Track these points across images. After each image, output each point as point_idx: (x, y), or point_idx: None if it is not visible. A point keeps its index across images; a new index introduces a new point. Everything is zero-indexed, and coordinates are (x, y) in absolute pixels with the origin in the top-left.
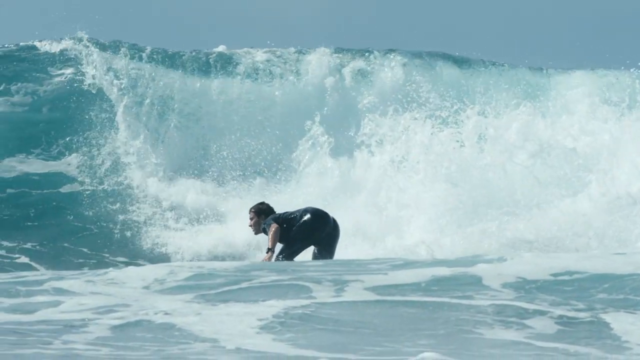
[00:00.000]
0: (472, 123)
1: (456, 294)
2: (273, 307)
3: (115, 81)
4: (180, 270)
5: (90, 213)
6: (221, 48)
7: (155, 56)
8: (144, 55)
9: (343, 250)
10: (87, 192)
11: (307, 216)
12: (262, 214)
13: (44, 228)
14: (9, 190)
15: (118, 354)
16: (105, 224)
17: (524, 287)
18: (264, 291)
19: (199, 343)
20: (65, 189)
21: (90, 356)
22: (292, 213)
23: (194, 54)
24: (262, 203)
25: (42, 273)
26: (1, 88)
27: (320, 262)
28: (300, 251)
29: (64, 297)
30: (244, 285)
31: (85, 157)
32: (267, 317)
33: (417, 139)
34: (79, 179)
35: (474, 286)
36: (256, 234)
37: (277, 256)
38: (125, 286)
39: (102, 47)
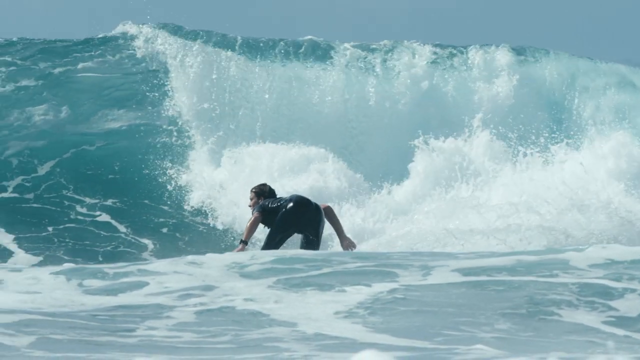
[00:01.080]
0: None
1: (543, 273)
2: (357, 292)
3: (203, 70)
4: (262, 256)
5: (176, 173)
6: (352, 44)
7: (246, 47)
8: (236, 46)
9: None
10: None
11: (290, 205)
12: (261, 196)
13: (126, 184)
14: (97, 143)
15: (198, 340)
16: (189, 187)
17: (611, 267)
18: (347, 277)
19: (279, 328)
20: (152, 147)
21: (170, 344)
22: (279, 200)
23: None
24: (265, 185)
25: (125, 264)
26: (92, 67)
27: (406, 251)
28: (284, 239)
29: (148, 278)
30: (325, 270)
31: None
32: (349, 302)
33: None
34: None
35: (561, 265)
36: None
37: (263, 246)
38: (207, 270)
39: (191, 36)
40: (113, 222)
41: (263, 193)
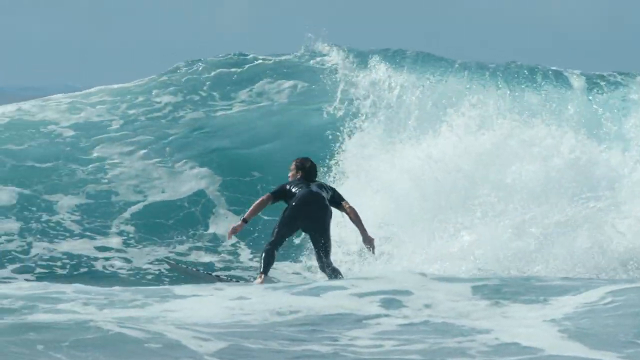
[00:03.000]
0: None
1: None
2: (560, 304)
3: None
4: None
5: None
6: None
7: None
8: (407, 60)
9: None
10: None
11: (294, 201)
12: (300, 171)
13: None
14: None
15: (399, 349)
16: None
17: None
18: (547, 290)
19: (479, 335)
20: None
21: (371, 353)
22: (300, 187)
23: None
24: (307, 160)
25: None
26: (267, 90)
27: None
28: (284, 236)
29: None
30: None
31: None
32: (551, 314)
33: None
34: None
35: None
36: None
37: (269, 240)
38: (404, 278)
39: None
40: None
41: (302, 168)
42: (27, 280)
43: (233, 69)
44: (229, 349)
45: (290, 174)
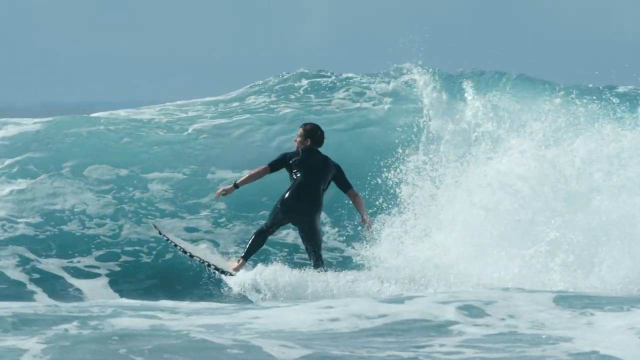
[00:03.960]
0: None
1: None
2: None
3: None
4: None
5: None
6: None
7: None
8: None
9: None
10: None
11: (288, 193)
12: (309, 139)
13: None
14: None
15: (482, 357)
16: None
17: None
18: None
19: (563, 344)
20: None
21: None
22: (301, 165)
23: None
24: (318, 129)
25: None
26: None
27: None
28: (274, 224)
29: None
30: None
31: None
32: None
33: None
34: None
35: None
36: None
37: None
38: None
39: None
40: None
41: (313, 136)
42: (110, 271)
43: (319, 81)
44: (313, 355)
45: (296, 140)
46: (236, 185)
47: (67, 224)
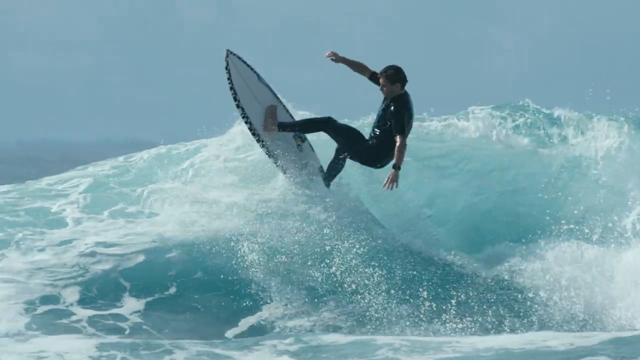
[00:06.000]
0: None
1: None
2: None
3: None
4: None
5: None
6: None
7: None
8: None
9: None
10: None
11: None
12: (397, 83)
13: None
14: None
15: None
16: None
17: None
18: None
19: None
20: None
21: None
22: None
23: None
24: (401, 70)
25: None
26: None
27: None
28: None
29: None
30: None
31: None
32: None
33: None
34: None
35: None
36: (387, 95)
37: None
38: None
39: None
40: None
41: (401, 79)
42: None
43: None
44: None
45: (383, 85)
46: (399, 167)
47: None
